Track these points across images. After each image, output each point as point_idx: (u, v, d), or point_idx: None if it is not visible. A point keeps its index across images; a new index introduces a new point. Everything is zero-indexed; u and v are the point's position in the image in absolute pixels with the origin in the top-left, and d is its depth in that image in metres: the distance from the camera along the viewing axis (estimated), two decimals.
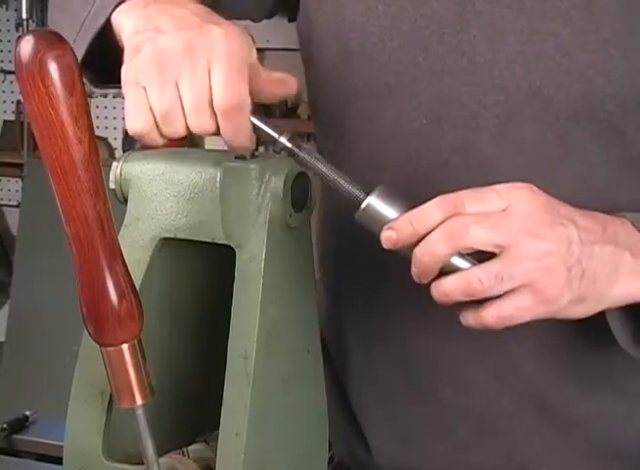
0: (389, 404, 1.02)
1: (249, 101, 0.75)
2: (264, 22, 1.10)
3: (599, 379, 0.95)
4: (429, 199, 0.92)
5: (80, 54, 0.83)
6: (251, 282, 0.83)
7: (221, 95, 0.73)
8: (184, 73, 0.73)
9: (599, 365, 0.94)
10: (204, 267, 0.94)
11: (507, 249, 0.74)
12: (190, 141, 0.86)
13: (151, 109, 0.74)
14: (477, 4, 0.89)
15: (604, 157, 0.90)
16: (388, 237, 0.75)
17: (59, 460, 0.91)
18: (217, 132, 0.75)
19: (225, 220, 0.84)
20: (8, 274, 3.01)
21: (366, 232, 0.77)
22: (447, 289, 0.75)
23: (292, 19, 1.07)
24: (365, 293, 1.01)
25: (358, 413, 1.05)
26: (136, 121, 0.75)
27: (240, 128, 0.75)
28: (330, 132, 1.02)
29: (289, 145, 0.78)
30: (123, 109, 0.89)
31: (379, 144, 0.95)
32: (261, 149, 0.82)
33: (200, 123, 0.74)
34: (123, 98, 0.89)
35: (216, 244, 0.85)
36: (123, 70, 0.75)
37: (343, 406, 1.07)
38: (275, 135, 0.78)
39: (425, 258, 0.74)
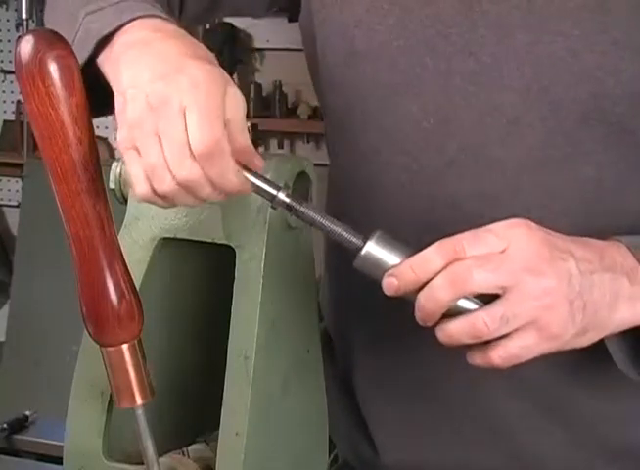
0: (397, 404, 1.02)
1: (226, 142, 0.72)
2: (264, 22, 1.10)
3: (606, 379, 0.95)
4: (433, 200, 0.92)
5: None
6: (251, 282, 0.83)
7: (198, 139, 0.71)
8: (162, 128, 0.72)
9: (605, 366, 0.94)
10: (204, 267, 0.94)
11: (510, 289, 0.74)
12: None
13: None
14: (484, 4, 0.88)
15: (613, 158, 0.89)
16: (389, 284, 0.76)
17: (59, 460, 0.91)
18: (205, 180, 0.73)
19: (225, 220, 0.84)
20: (8, 274, 3.01)
21: None
22: (453, 332, 0.75)
23: (292, 19, 1.06)
24: (370, 292, 1.01)
25: (365, 412, 1.05)
26: (139, 187, 0.74)
27: (225, 170, 0.73)
28: (337, 130, 1.02)
29: (287, 200, 0.76)
30: None
31: (384, 143, 0.95)
32: (261, 149, 0.82)
33: (184, 173, 0.72)
34: None
35: (216, 244, 0.85)
36: (118, 140, 0.75)
37: (350, 406, 1.07)
38: (273, 192, 0.76)
39: (428, 304, 0.75)
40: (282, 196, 0.75)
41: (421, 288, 0.75)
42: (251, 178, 0.75)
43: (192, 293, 0.95)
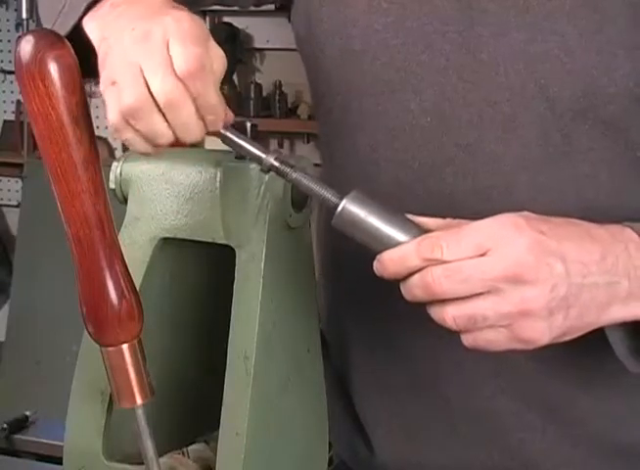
0: (393, 403, 1.02)
1: (209, 65, 0.73)
2: (264, 21, 1.10)
3: (600, 376, 0.95)
4: (430, 197, 0.92)
5: None
6: (251, 282, 0.83)
7: (182, 59, 0.71)
8: (145, 60, 0.72)
9: (599, 363, 0.94)
10: (203, 267, 0.94)
11: (485, 294, 0.74)
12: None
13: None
14: (481, 2, 0.89)
15: (608, 155, 0.89)
16: (376, 268, 0.77)
17: (59, 460, 0.91)
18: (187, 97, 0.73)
19: (225, 220, 0.84)
20: (8, 274, 3.01)
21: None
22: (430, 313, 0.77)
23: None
24: (365, 292, 1.01)
25: (361, 412, 1.05)
26: (111, 115, 0.73)
27: (208, 90, 0.72)
28: (333, 129, 1.02)
29: (276, 164, 0.76)
30: None
31: (382, 141, 0.95)
32: None
33: (164, 88, 0.71)
34: None
35: (216, 244, 0.85)
36: (101, 79, 0.75)
37: (346, 406, 1.07)
38: (262, 155, 0.77)
39: (407, 296, 0.77)
40: (270, 159, 0.76)
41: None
42: (236, 139, 0.76)
43: (192, 293, 0.94)
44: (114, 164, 0.89)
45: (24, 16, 2.99)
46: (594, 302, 0.77)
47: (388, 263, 0.76)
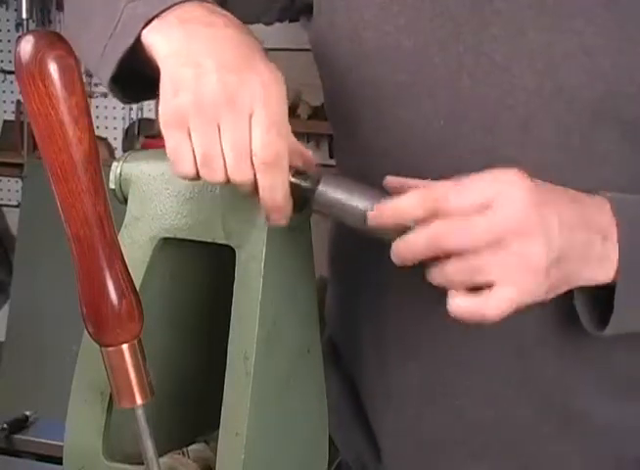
0: (405, 413, 1.00)
1: (286, 159, 0.74)
2: None
3: (622, 388, 0.94)
4: None
5: (109, 71, 0.83)
6: (252, 282, 0.83)
7: (260, 147, 0.72)
8: (226, 123, 0.72)
9: (621, 375, 0.93)
10: (204, 267, 0.94)
11: (491, 246, 0.73)
12: None
13: (194, 153, 0.74)
14: (495, 2, 0.87)
15: (628, 158, 0.88)
16: (371, 218, 0.76)
17: (59, 460, 0.91)
18: (255, 186, 0.75)
19: (225, 220, 0.84)
20: (8, 274, 3.01)
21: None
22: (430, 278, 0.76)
23: (292, 19, 1.06)
24: (379, 296, 1.00)
25: (372, 421, 1.04)
26: (184, 167, 0.75)
27: (276, 184, 0.74)
28: (347, 132, 1.01)
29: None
30: (123, 109, 0.89)
31: (396, 144, 0.93)
32: None
33: (239, 172, 0.73)
34: None
35: (216, 244, 0.85)
36: (162, 110, 0.74)
37: (357, 414, 1.06)
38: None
39: (404, 252, 0.76)
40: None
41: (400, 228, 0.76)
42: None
43: (192, 293, 0.95)
44: (114, 164, 0.89)
45: (24, 16, 3.00)
46: (577, 256, 0.77)
47: (387, 212, 0.75)
